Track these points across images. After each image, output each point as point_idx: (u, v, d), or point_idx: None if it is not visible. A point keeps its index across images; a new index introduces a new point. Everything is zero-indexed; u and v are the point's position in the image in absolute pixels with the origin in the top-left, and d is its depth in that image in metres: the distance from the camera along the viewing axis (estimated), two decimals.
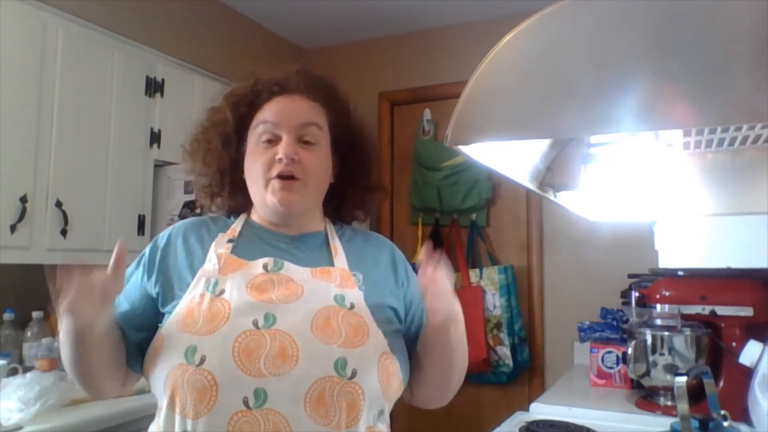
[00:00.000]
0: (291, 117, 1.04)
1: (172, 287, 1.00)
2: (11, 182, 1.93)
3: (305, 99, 1.07)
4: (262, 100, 1.07)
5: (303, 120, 1.04)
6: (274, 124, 1.04)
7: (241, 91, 1.10)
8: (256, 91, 1.08)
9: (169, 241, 1.06)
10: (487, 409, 2.90)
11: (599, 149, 1.11)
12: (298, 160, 1.01)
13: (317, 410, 0.88)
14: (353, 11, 3.03)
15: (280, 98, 1.07)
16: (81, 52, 2.17)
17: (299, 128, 1.04)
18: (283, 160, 1.00)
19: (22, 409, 1.64)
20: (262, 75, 1.11)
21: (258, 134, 1.05)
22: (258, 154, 1.04)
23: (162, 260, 1.03)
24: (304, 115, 1.05)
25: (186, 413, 0.88)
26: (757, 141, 1.05)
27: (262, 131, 1.04)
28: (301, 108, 1.06)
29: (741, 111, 0.59)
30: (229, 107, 1.09)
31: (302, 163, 1.02)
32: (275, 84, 1.08)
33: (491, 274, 2.85)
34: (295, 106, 1.06)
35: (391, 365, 0.95)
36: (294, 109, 1.05)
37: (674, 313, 1.74)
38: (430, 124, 3.18)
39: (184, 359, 0.88)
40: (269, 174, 1.02)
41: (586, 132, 0.86)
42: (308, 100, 1.07)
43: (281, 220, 1.06)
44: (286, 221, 1.07)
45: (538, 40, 0.68)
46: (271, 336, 0.90)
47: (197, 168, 1.12)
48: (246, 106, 1.08)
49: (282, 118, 1.04)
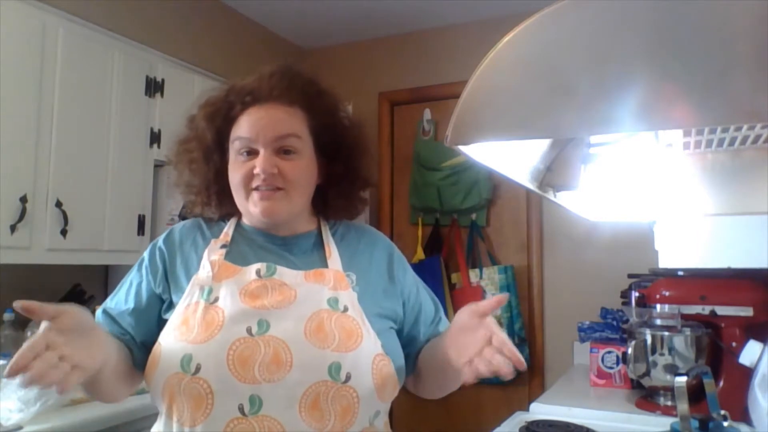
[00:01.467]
0: (266, 130, 0.99)
1: (171, 294, 1.01)
2: (11, 182, 1.93)
3: (280, 107, 1.02)
4: (236, 111, 1.03)
5: (279, 132, 1.00)
6: (250, 139, 1.00)
7: (215, 102, 1.06)
8: (230, 102, 1.04)
9: (170, 247, 1.06)
10: (487, 409, 2.90)
11: (599, 149, 1.11)
12: (277, 173, 0.99)
13: (312, 415, 0.89)
14: (353, 11, 3.03)
15: (253, 110, 1.02)
16: (81, 52, 2.17)
17: (276, 141, 1.00)
18: (261, 175, 0.98)
19: (22, 409, 1.64)
20: (237, 83, 1.06)
21: (236, 149, 1.02)
22: (238, 167, 1.01)
23: (166, 266, 1.04)
24: (279, 126, 1.00)
25: (183, 421, 0.90)
26: (757, 141, 1.05)
27: (239, 147, 1.01)
28: (277, 118, 1.01)
29: (741, 111, 0.59)
30: (204, 120, 1.05)
31: (282, 174, 0.99)
32: (247, 94, 1.03)
33: (491, 274, 2.85)
34: (269, 118, 1.01)
35: (385, 367, 0.95)
36: (269, 122, 1.00)
37: (674, 313, 1.74)
38: (430, 124, 3.18)
39: (180, 368, 0.89)
40: (250, 186, 1.00)
41: (586, 132, 0.86)
42: (284, 107, 1.02)
43: (268, 227, 1.06)
44: (273, 227, 1.05)
45: (538, 40, 0.68)
46: (264, 343, 0.91)
47: (183, 181, 1.10)
48: (221, 118, 1.04)
49: (257, 132, 0.99)
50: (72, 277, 2.39)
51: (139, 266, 1.06)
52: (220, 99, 1.06)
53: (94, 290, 2.48)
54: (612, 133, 0.94)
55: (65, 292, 2.37)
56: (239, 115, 1.03)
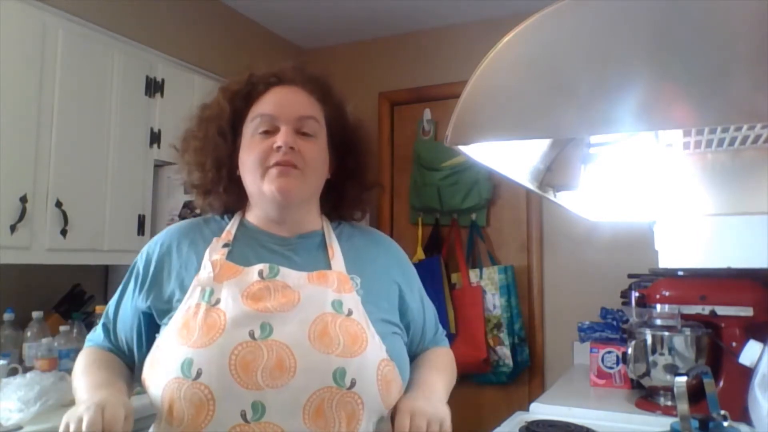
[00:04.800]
0: (290, 108, 1.02)
1: (168, 299, 0.99)
2: (11, 182, 1.93)
3: (303, 91, 1.05)
4: (258, 91, 1.05)
5: (302, 112, 1.02)
6: (273, 115, 1.01)
7: (236, 86, 1.07)
8: (252, 83, 1.06)
9: (161, 252, 1.04)
10: (487, 409, 2.90)
11: (599, 149, 1.11)
12: (296, 150, 0.99)
13: (316, 422, 0.87)
14: (353, 11, 3.03)
15: (277, 89, 1.05)
16: (81, 52, 2.17)
17: (298, 120, 1.01)
18: (282, 148, 0.98)
19: (22, 409, 1.64)
20: (257, 69, 1.09)
21: (255, 126, 1.02)
22: (255, 145, 1.01)
23: (156, 273, 1.02)
24: (302, 107, 1.03)
25: (184, 427, 0.87)
26: (757, 141, 1.05)
27: (259, 123, 1.02)
28: (300, 100, 1.04)
29: (741, 111, 0.59)
30: (225, 100, 1.06)
31: (301, 153, 1.00)
32: (272, 75, 1.06)
33: (491, 274, 2.85)
34: (293, 97, 1.04)
35: (390, 372, 0.94)
36: (292, 100, 1.03)
37: (674, 313, 1.74)
38: (430, 124, 3.18)
39: (180, 373, 0.87)
40: (267, 163, 0.99)
41: (586, 132, 0.86)
42: (306, 93, 1.05)
43: (278, 211, 1.03)
44: (283, 214, 1.04)
45: (538, 40, 0.68)
46: (267, 347, 0.88)
47: (191, 163, 1.08)
48: (242, 99, 1.05)
49: (280, 109, 1.01)
50: (72, 277, 2.39)
51: (129, 275, 1.06)
52: (240, 82, 1.07)
53: (94, 290, 2.48)
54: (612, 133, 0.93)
55: (65, 292, 2.37)
56: (262, 94, 1.04)
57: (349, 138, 1.11)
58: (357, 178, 1.12)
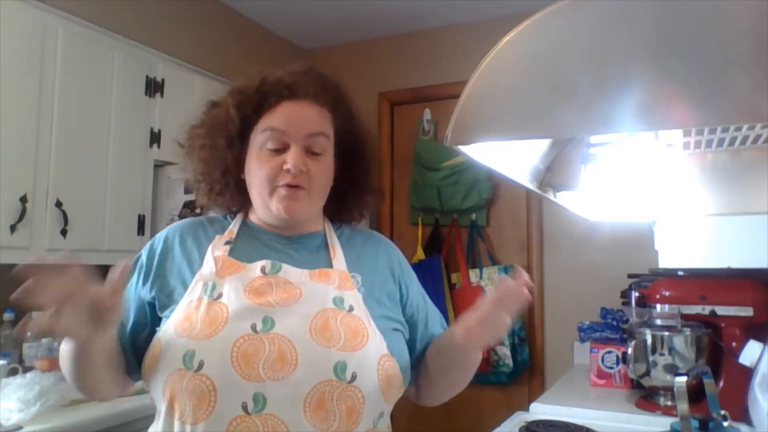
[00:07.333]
0: (300, 126, 1.00)
1: (170, 292, 0.99)
2: (11, 182, 1.93)
3: (314, 105, 1.03)
4: (270, 103, 1.03)
5: (312, 130, 1.01)
6: (283, 132, 1.00)
7: (247, 91, 1.05)
8: (264, 93, 1.04)
9: (166, 244, 1.04)
10: (487, 409, 2.90)
11: (599, 149, 1.11)
12: (305, 171, 0.99)
13: (317, 414, 0.88)
14: (353, 11, 3.03)
15: (288, 103, 1.02)
16: (81, 52, 2.17)
17: (308, 138, 1.01)
18: (292, 171, 0.98)
19: (22, 409, 1.64)
20: (269, 74, 1.06)
21: (264, 139, 1.01)
22: (263, 161, 1.01)
23: (160, 264, 1.02)
24: (313, 124, 1.02)
25: (185, 419, 0.88)
26: (757, 141, 1.05)
27: (269, 137, 1.01)
28: (311, 116, 1.02)
29: (741, 111, 0.59)
30: (234, 107, 1.04)
31: (309, 174, 1.00)
32: (285, 87, 1.03)
33: (491, 274, 2.86)
34: (304, 114, 1.02)
35: (390, 367, 0.95)
36: (303, 117, 1.01)
37: (674, 313, 1.74)
38: (430, 124, 3.18)
39: (182, 364, 0.88)
40: (275, 182, 0.99)
41: (586, 132, 0.86)
42: (317, 107, 1.04)
43: (283, 225, 1.05)
44: (282, 227, 1.05)
45: (538, 40, 0.68)
46: (269, 340, 0.89)
47: (198, 168, 1.08)
48: (251, 107, 1.04)
49: (291, 126, 1.00)
50: None
51: (133, 267, 1.05)
52: (251, 88, 1.05)
53: None
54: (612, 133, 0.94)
55: None
56: (274, 107, 1.03)
57: (356, 144, 1.11)
58: (360, 184, 1.13)
